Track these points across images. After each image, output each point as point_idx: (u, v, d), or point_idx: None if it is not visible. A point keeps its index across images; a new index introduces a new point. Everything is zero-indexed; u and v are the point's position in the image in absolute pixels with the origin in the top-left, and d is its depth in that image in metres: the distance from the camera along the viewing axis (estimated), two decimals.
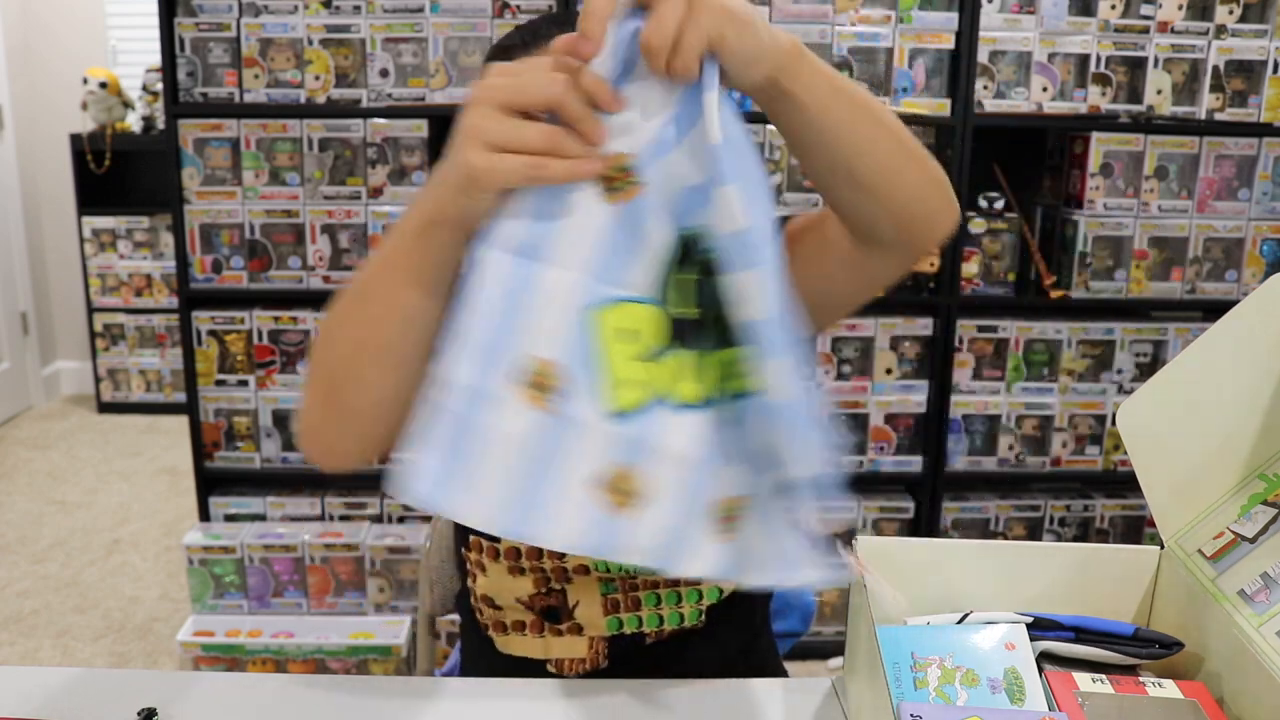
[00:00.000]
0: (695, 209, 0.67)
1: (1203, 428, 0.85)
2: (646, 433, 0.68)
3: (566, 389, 0.67)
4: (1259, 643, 0.76)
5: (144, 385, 3.96)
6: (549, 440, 0.67)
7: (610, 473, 0.68)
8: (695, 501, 0.71)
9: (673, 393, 0.70)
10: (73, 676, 0.90)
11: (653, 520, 0.69)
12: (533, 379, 0.66)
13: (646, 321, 0.69)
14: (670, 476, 0.69)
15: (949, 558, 0.88)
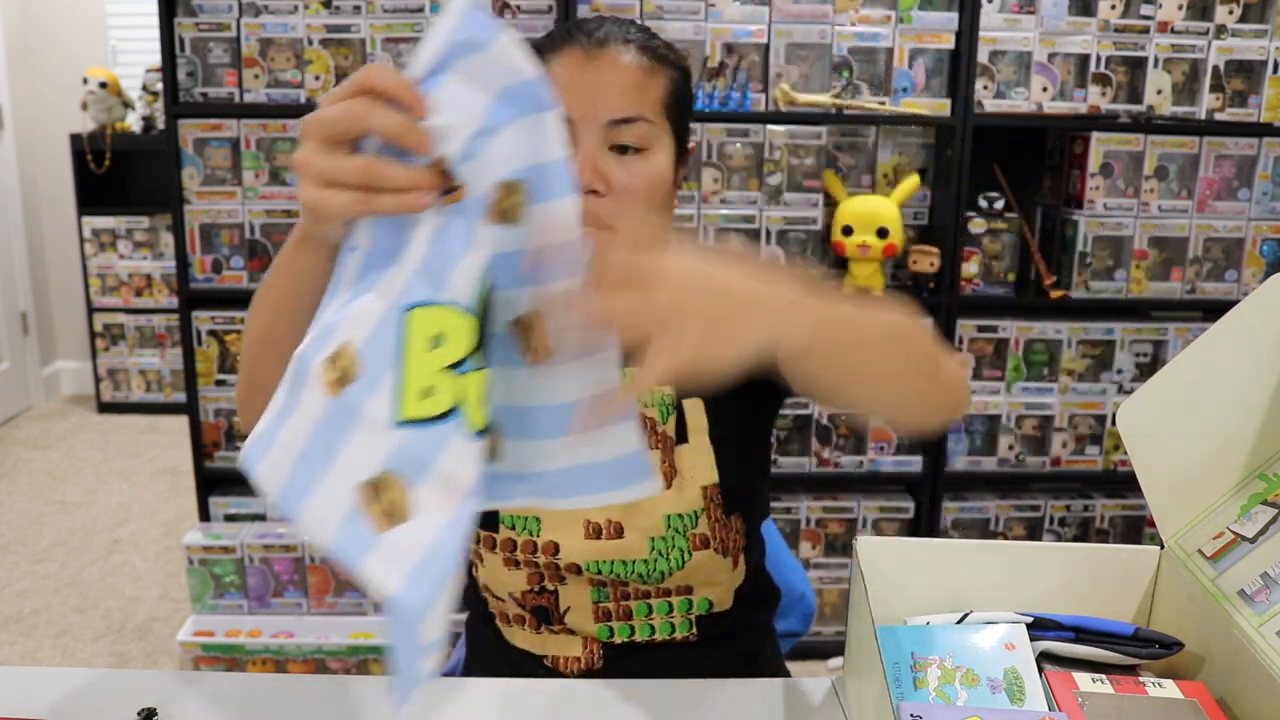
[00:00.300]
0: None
1: (1203, 428, 0.85)
2: (429, 450, 0.65)
3: (360, 380, 0.65)
4: (1259, 643, 0.76)
5: (144, 385, 3.96)
6: (334, 430, 0.66)
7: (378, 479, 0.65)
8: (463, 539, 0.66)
9: (469, 414, 0.66)
10: (73, 676, 0.90)
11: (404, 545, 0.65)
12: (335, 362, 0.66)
13: (457, 330, 0.66)
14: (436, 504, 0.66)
15: (949, 558, 0.89)
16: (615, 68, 0.92)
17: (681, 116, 0.98)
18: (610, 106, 0.91)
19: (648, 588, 1.00)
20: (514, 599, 1.02)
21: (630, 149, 0.92)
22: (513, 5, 2.03)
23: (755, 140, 2.10)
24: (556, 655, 1.02)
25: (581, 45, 0.93)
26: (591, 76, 0.92)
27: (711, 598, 1.02)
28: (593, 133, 0.91)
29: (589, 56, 0.92)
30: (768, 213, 2.12)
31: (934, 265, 2.15)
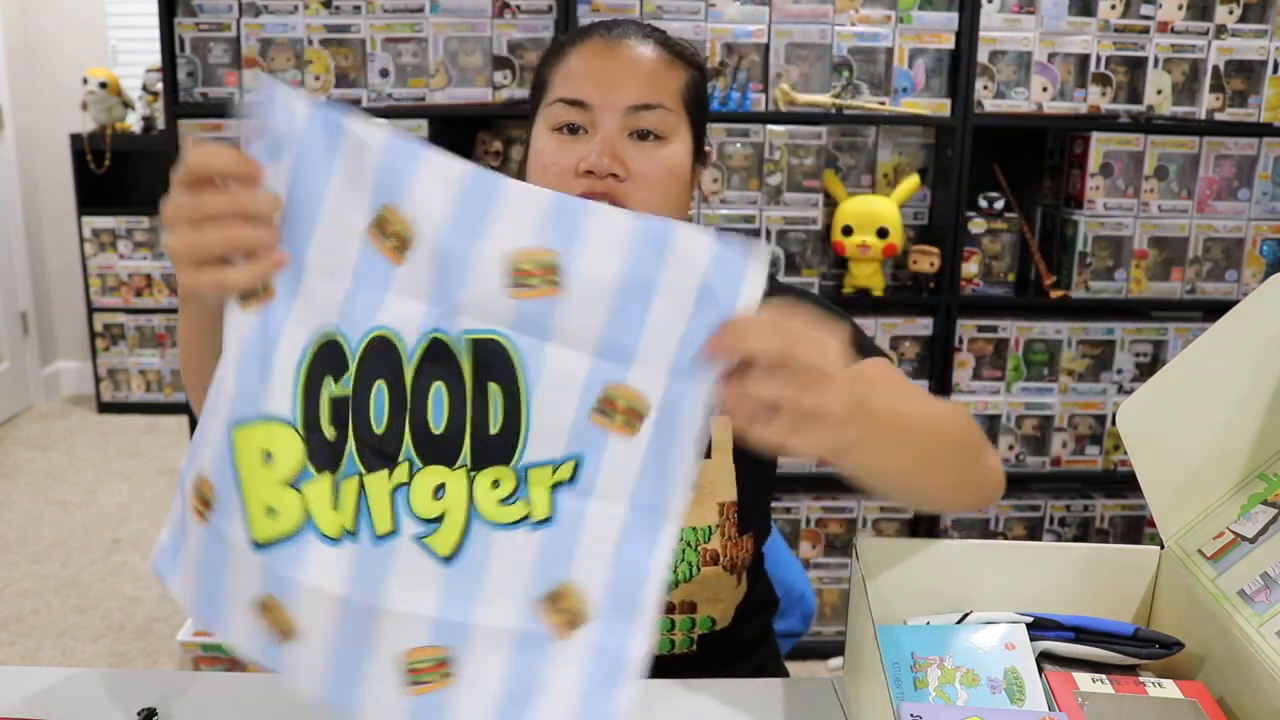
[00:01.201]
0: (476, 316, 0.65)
1: (1203, 428, 0.85)
2: (292, 569, 0.66)
3: (217, 507, 0.67)
4: (1259, 643, 0.76)
5: (144, 385, 3.96)
6: (213, 554, 0.69)
7: (262, 599, 0.68)
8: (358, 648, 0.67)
9: (320, 523, 0.66)
10: (73, 676, 0.90)
11: (308, 658, 0.67)
12: (199, 490, 0.68)
13: (280, 442, 0.66)
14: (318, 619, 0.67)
15: (949, 558, 0.88)
16: (635, 56, 0.94)
17: (699, 112, 0.99)
18: (630, 93, 0.92)
19: None
20: None
21: (650, 135, 0.93)
22: (513, 5, 2.04)
23: (755, 140, 2.10)
24: None
25: (601, 37, 0.96)
26: (612, 63, 0.94)
27: (714, 615, 1.01)
28: (612, 118, 0.92)
29: (609, 46, 0.95)
30: (768, 213, 2.12)
31: (934, 265, 2.15)
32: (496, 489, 0.66)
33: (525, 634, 0.67)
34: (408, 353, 0.66)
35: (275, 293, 0.66)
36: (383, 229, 0.65)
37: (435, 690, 0.67)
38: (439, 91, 2.06)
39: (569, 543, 0.66)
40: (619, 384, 0.65)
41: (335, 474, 0.67)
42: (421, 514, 0.66)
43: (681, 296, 0.63)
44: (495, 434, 0.66)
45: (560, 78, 0.95)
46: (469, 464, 0.66)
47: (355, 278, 0.66)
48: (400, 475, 0.67)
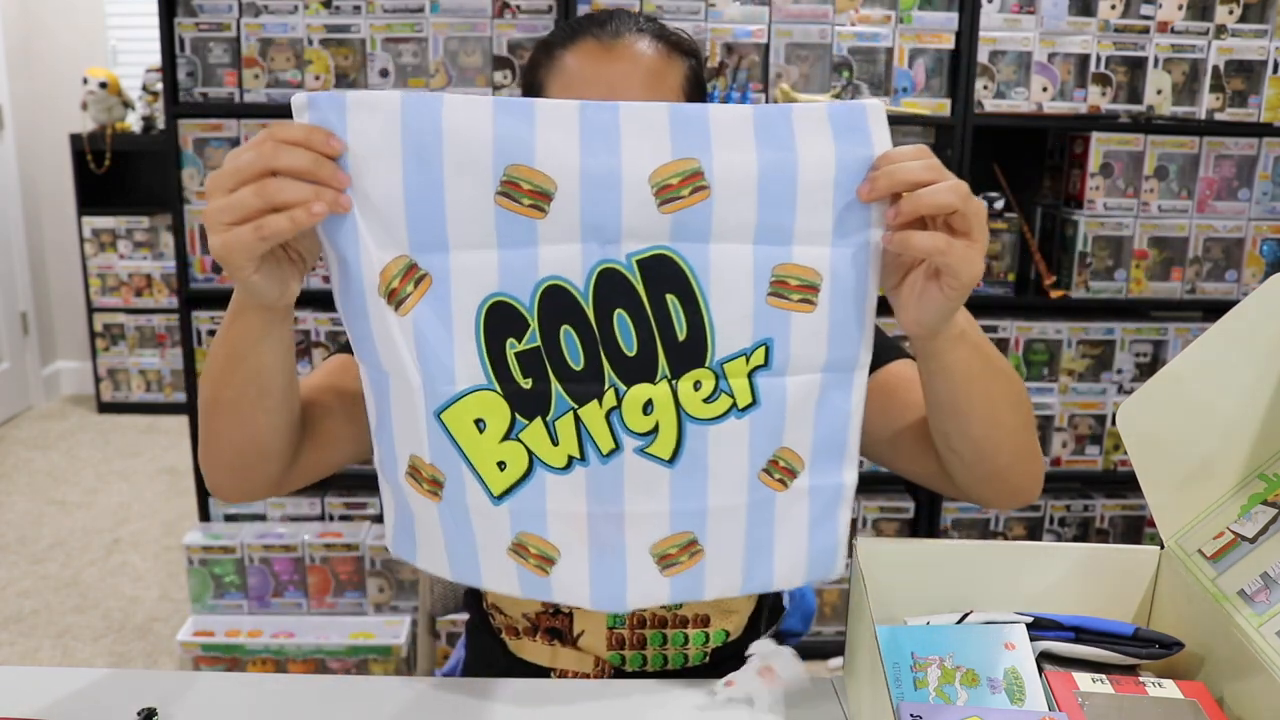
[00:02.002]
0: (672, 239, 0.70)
1: (1203, 428, 0.85)
2: (536, 502, 0.75)
3: (449, 482, 0.74)
4: (1259, 643, 0.76)
5: (144, 385, 3.96)
6: (457, 524, 0.76)
7: (516, 541, 0.76)
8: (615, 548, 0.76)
9: (546, 458, 0.74)
10: (73, 676, 0.90)
11: (573, 574, 0.76)
12: (420, 475, 0.75)
13: (486, 407, 0.72)
14: (571, 533, 0.76)
15: (949, 558, 0.88)
16: (633, 57, 0.91)
17: (699, 101, 0.97)
18: (631, 95, 0.89)
19: (665, 614, 0.99)
20: (526, 618, 1.01)
21: None
22: (513, 5, 2.04)
23: None
24: (566, 669, 1.01)
25: (595, 37, 0.92)
26: (609, 67, 0.91)
27: (728, 628, 1.01)
28: None
29: (605, 48, 0.91)
30: None
31: None
32: (698, 390, 0.73)
33: (755, 503, 0.76)
34: (580, 292, 0.70)
35: (432, 280, 0.69)
36: (514, 190, 0.67)
37: (689, 567, 0.77)
38: (439, 91, 2.06)
39: (776, 418, 0.74)
40: (786, 263, 0.70)
41: (546, 416, 0.73)
42: (637, 429, 0.73)
43: (821, 168, 0.67)
44: (684, 340, 0.71)
45: (558, 82, 0.92)
46: (668, 374, 0.72)
47: (500, 243, 0.69)
48: (609, 401, 0.73)
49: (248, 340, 0.76)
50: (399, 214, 0.67)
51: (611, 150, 0.67)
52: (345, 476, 2.25)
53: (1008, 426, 0.84)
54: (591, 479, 0.74)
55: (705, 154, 0.67)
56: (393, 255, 0.68)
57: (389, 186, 0.66)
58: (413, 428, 0.73)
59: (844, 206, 0.69)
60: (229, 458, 0.84)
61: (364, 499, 2.26)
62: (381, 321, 0.70)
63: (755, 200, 0.68)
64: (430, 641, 1.34)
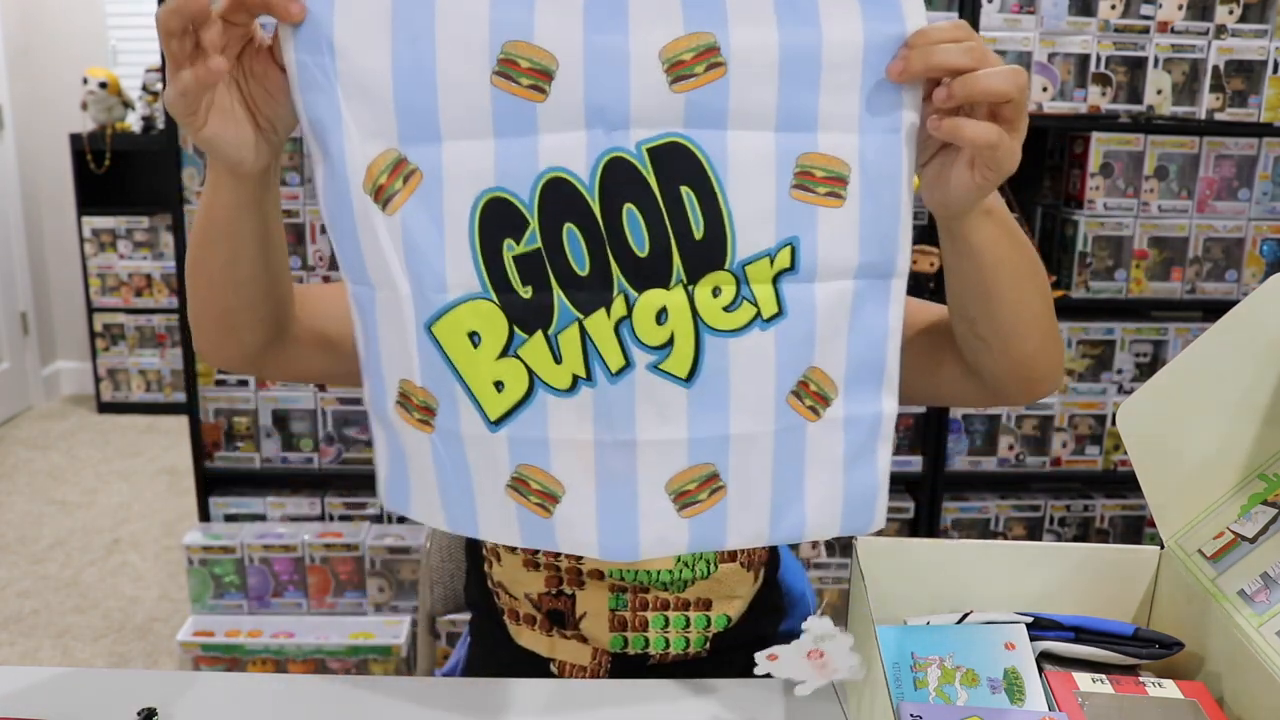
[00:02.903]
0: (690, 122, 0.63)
1: (1203, 428, 0.85)
2: (537, 430, 0.67)
3: (441, 408, 0.67)
4: (1259, 643, 0.76)
5: (144, 385, 3.96)
6: (451, 458, 0.68)
7: (515, 475, 0.68)
8: (626, 486, 0.68)
9: (548, 378, 0.66)
10: (73, 676, 0.90)
11: (578, 514, 0.68)
12: (411, 402, 0.68)
13: (481, 318, 0.65)
14: (577, 467, 0.67)
15: (949, 558, 0.88)
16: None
17: None
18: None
19: (667, 597, 0.99)
20: (529, 599, 1.01)
21: None
22: None
23: None
24: (564, 661, 1.01)
25: None
26: None
27: (729, 613, 1.01)
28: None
29: None
30: None
31: (934, 265, 2.15)
32: (718, 297, 0.65)
33: (783, 430, 0.67)
34: (585, 185, 0.63)
35: (422, 175, 0.63)
36: (512, 69, 0.61)
37: (710, 507, 0.68)
38: None
39: (805, 332, 0.66)
40: (812, 152, 0.63)
41: (548, 330, 0.66)
42: (650, 342, 0.65)
43: (848, 49, 0.61)
44: (701, 239, 0.64)
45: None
46: (684, 278, 0.64)
47: (497, 131, 0.62)
48: (619, 309, 0.65)
49: (218, 206, 0.75)
50: (387, 100, 0.62)
51: (618, 24, 0.60)
52: (345, 476, 2.25)
53: (1034, 308, 0.80)
54: (599, 401, 0.66)
55: (721, 28, 0.60)
56: (380, 148, 0.63)
57: (377, 71, 0.61)
58: (401, 346, 0.66)
59: (873, 89, 0.62)
60: (204, 321, 0.84)
61: (364, 499, 2.26)
62: (367, 222, 0.64)
63: (776, 80, 0.61)
64: (430, 641, 1.34)
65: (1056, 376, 0.86)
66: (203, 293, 0.82)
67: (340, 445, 2.21)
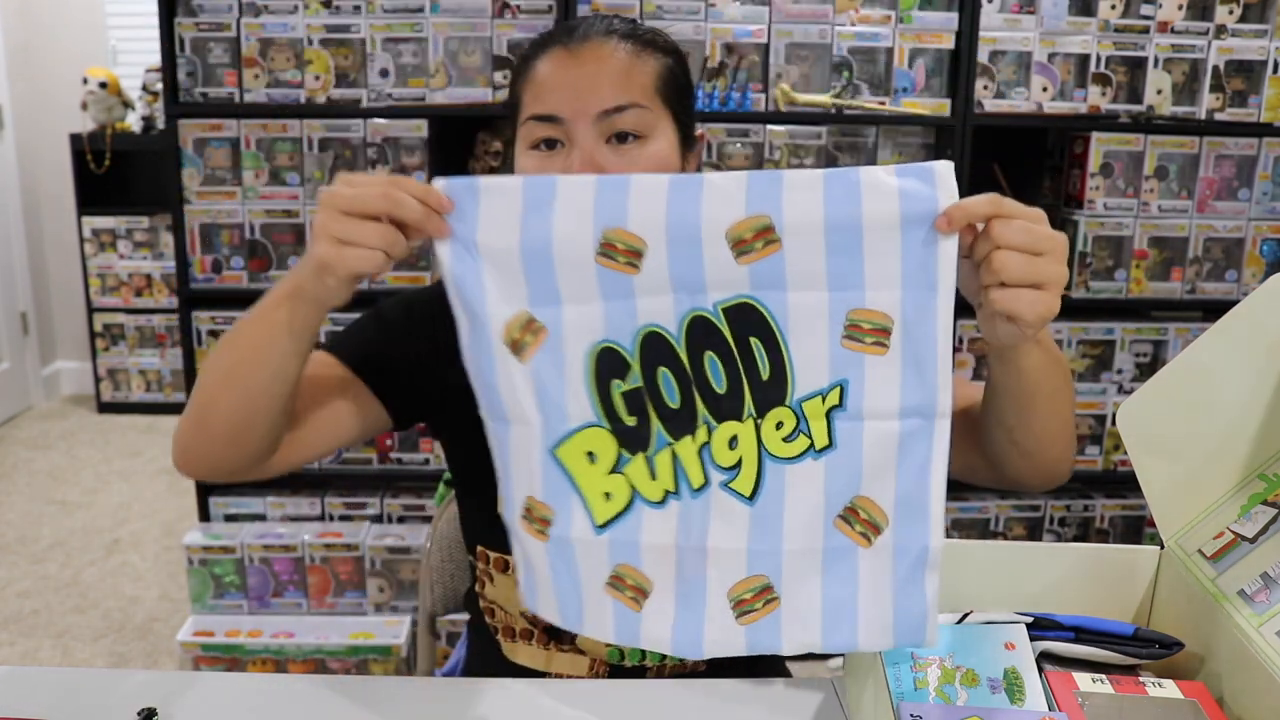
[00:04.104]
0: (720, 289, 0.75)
1: (1203, 428, 0.85)
2: (634, 534, 0.79)
3: (558, 518, 0.80)
4: (1259, 643, 0.76)
5: (144, 385, 3.96)
6: (562, 559, 0.80)
7: (613, 573, 0.80)
8: (697, 588, 0.79)
9: (645, 492, 0.79)
10: (73, 676, 0.90)
11: (661, 609, 0.80)
12: (533, 515, 0.81)
13: (596, 441, 0.79)
14: (662, 567, 0.79)
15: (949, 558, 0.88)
16: (599, 58, 0.91)
17: (679, 100, 0.96)
18: (599, 97, 0.89)
19: None
20: (525, 617, 1.01)
21: (629, 137, 0.91)
22: (513, 5, 2.03)
23: (755, 140, 2.10)
24: (561, 674, 1.01)
25: (563, 44, 0.92)
26: (576, 70, 0.91)
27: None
28: (585, 127, 0.90)
29: (571, 54, 0.92)
30: None
31: None
32: (780, 429, 0.77)
33: (831, 550, 0.77)
34: (675, 338, 0.77)
35: (548, 331, 0.77)
36: (611, 250, 0.75)
37: (764, 616, 0.78)
38: (439, 91, 2.06)
39: (853, 462, 0.76)
40: (859, 308, 0.74)
41: (647, 452, 0.79)
42: (723, 464, 0.78)
43: (888, 219, 0.72)
44: (768, 379, 0.76)
45: (529, 93, 0.93)
46: (754, 413, 0.77)
47: (603, 296, 0.76)
48: (701, 436, 0.78)
49: (282, 325, 0.81)
50: (519, 274, 0.76)
51: (694, 211, 0.73)
52: (345, 476, 2.25)
53: (1065, 420, 0.87)
54: (683, 512, 0.79)
55: (776, 210, 0.72)
56: (514, 310, 0.76)
57: (510, 252, 0.75)
58: (528, 469, 0.79)
59: (911, 254, 0.72)
60: (218, 431, 0.86)
61: (364, 499, 2.26)
62: (506, 369, 0.77)
63: (823, 249, 0.73)
64: (430, 641, 1.34)
65: (1069, 471, 0.92)
66: (230, 401, 0.84)
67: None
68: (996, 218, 0.72)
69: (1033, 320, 0.73)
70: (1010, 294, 0.72)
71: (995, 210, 0.72)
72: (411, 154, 2.08)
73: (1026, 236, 0.72)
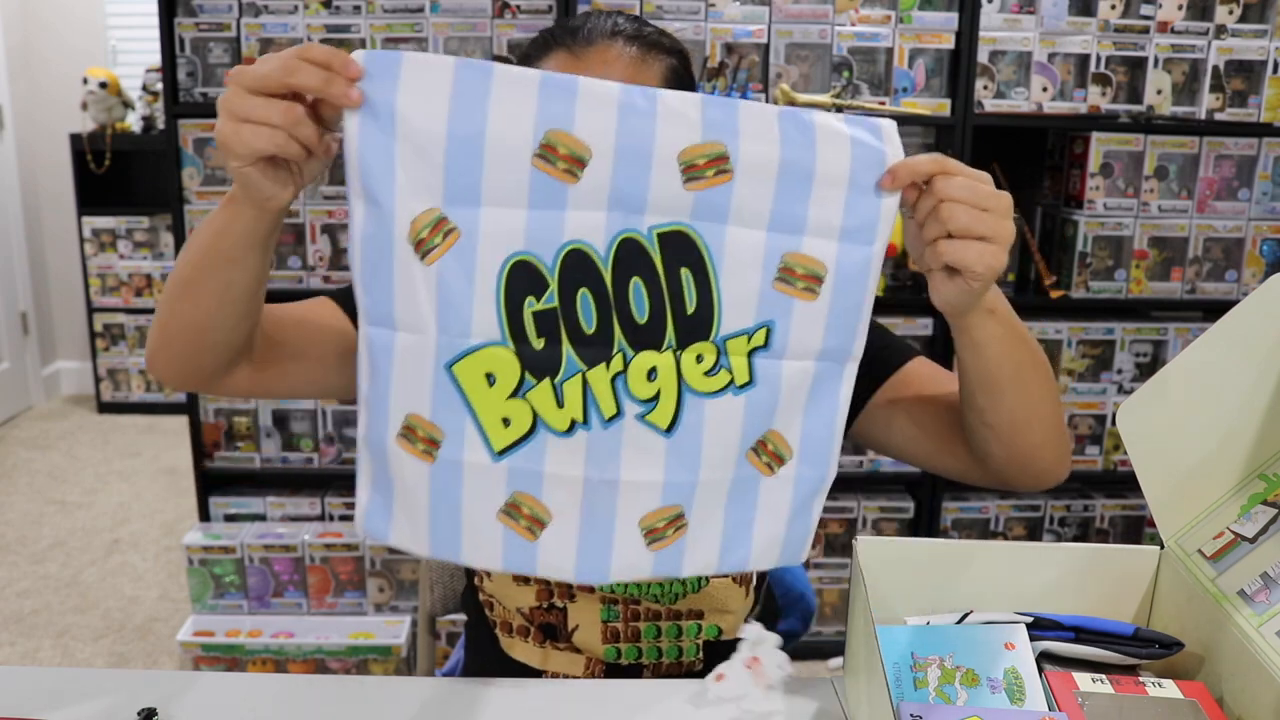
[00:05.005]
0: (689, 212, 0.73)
1: (1203, 428, 0.85)
2: (534, 463, 0.76)
3: (448, 440, 0.74)
4: (1259, 643, 0.76)
5: (144, 385, 3.96)
6: (447, 486, 0.75)
7: (510, 501, 0.76)
8: (605, 518, 0.77)
9: (550, 420, 0.75)
10: (73, 676, 0.90)
11: (561, 540, 0.77)
12: (416, 435, 0.75)
13: (498, 362, 0.74)
14: (566, 498, 0.77)
15: (949, 558, 0.88)
16: (604, 63, 0.90)
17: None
18: None
19: (659, 608, 0.99)
20: (521, 613, 1.01)
21: None
22: (513, 5, 2.03)
23: None
24: (557, 672, 1.01)
25: (567, 47, 0.90)
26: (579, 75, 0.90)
27: (721, 625, 1.01)
28: None
29: (576, 58, 0.90)
30: None
31: None
32: (700, 363, 0.75)
33: (739, 478, 0.78)
34: (601, 258, 0.73)
35: (460, 234, 0.71)
36: (551, 153, 0.70)
37: (673, 542, 0.78)
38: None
39: (770, 399, 0.76)
40: (795, 252, 0.74)
41: (555, 378, 0.75)
42: (640, 395, 0.75)
43: (837, 169, 0.72)
44: (692, 314, 0.74)
45: None
46: (674, 344, 0.75)
47: (530, 203, 0.71)
48: (617, 365, 0.75)
49: (230, 232, 0.78)
50: (438, 165, 0.69)
51: (646, 127, 0.70)
52: (345, 476, 2.25)
53: (1039, 401, 0.86)
54: (592, 443, 0.76)
55: (732, 140, 0.71)
56: (425, 206, 0.70)
57: (431, 138, 0.69)
58: (417, 384, 0.74)
59: (854, 207, 0.73)
60: (174, 337, 0.85)
61: None
62: (405, 269, 0.71)
63: (773, 189, 0.72)
64: (430, 641, 1.34)
65: (1061, 469, 0.91)
66: (184, 310, 0.82)
67: (340, 445, 2.21)
68: (941, 174, 0.73)
69: (981, 271, 0.73)
70: (958, 244, 0.73)
71: (940, 168, 0.73)
72: None
73: (971, 192, 0.72)
